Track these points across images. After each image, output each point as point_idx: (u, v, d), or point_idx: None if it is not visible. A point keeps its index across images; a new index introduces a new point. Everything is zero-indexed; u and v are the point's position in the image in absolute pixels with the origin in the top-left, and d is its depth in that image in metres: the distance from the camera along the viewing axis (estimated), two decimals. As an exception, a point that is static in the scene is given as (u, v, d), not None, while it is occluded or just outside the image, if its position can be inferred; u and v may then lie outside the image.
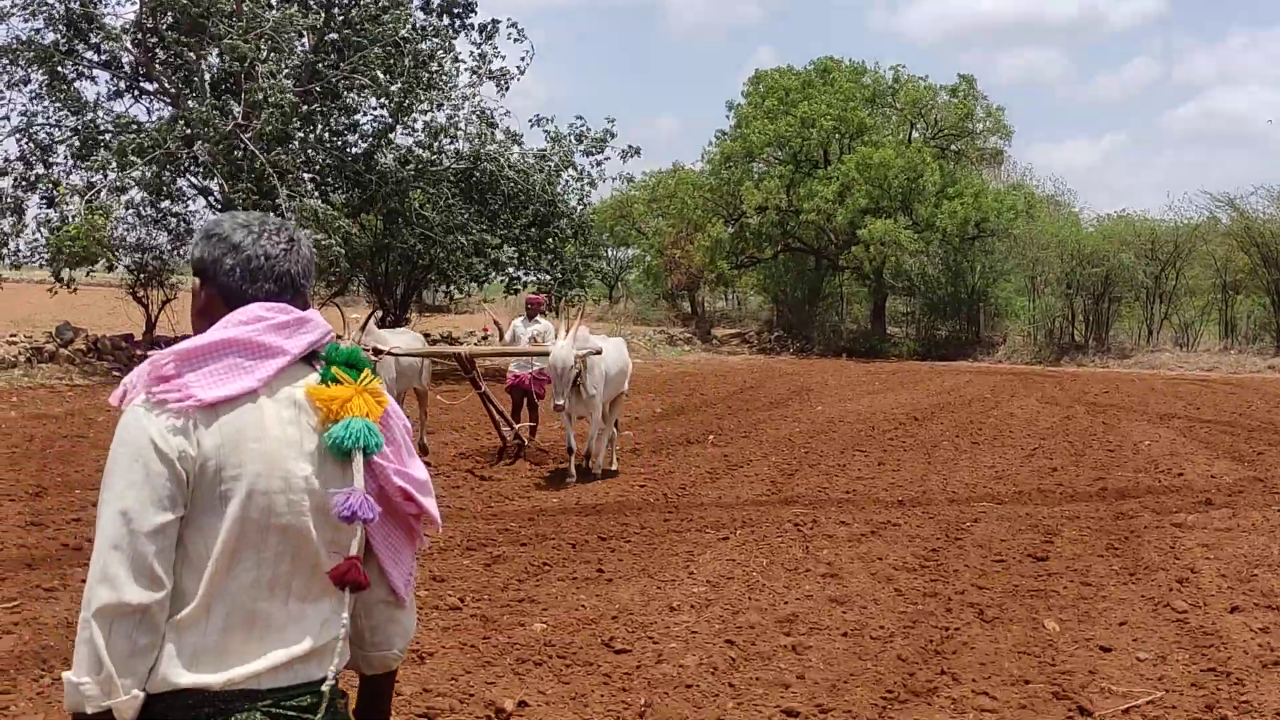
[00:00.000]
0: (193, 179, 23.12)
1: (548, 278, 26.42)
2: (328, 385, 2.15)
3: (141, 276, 23.38)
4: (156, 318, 23.76)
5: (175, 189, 22.69)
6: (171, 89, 21.84)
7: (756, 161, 40.22)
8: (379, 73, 21.59)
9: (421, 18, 23.88)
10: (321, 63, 21.81)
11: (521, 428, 12.71)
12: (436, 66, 23.02)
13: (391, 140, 23.41)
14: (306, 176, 21.73)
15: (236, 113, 19.81)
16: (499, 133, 24.80)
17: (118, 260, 22.33)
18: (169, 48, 21.29)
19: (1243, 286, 36.44)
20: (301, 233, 2.30)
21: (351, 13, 22.01)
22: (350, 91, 22.60)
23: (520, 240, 24.99)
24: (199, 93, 20.93)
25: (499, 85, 24.68)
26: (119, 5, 26.53)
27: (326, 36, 22.10)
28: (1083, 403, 21.00)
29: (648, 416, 17.24)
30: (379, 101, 23.11)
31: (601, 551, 8.25)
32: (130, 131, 20.86)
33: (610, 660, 5.86)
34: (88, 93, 23.05)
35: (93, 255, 20.40)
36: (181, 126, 20.15)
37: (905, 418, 17.68)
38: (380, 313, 27.56)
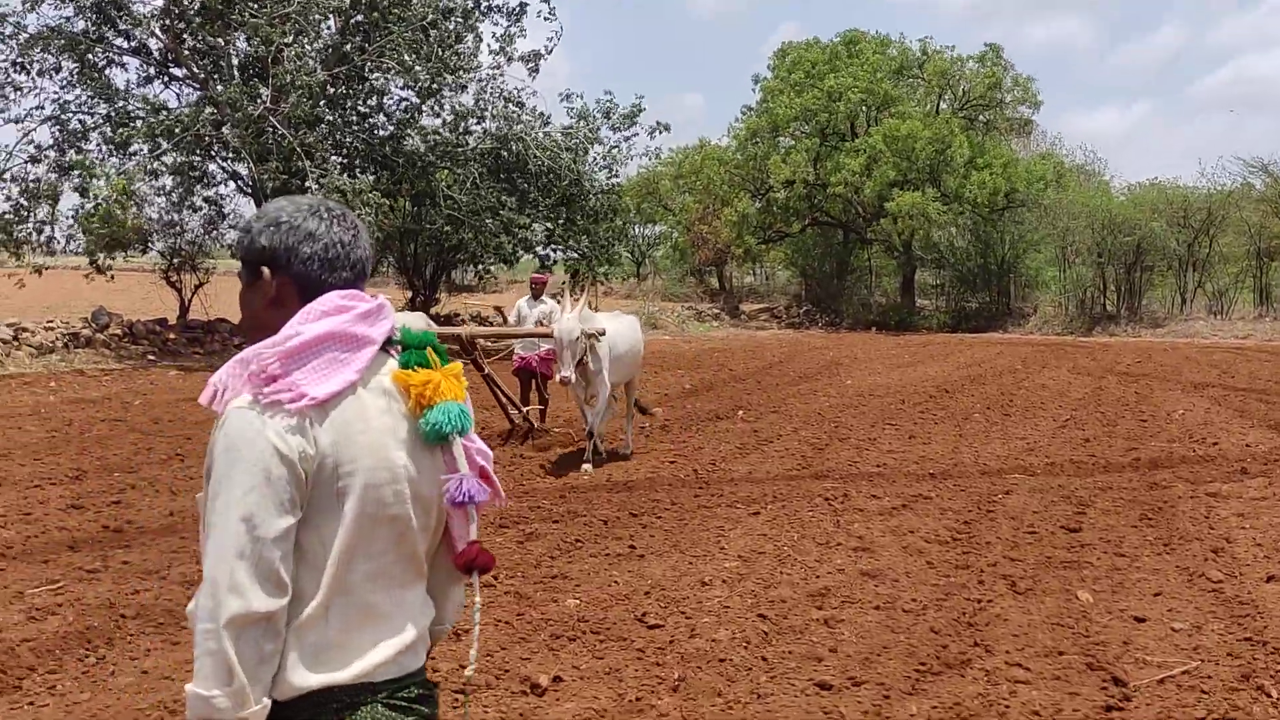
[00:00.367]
0: (222, 163, 23.27)
1: (576, 255, 26.44)
2: (413, 370, 2.14)
3: (174, 261, 23.56)
4: (189, 302, 23.95)
5: (205, 172, 22.83)
6: (200, 74, 21.97)
7: (783, 136, 40.03)
8: (405, 55, 21.61)
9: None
10: (348, 44, 21.85)
11: (531, 410, 12.64)
12: (463, 48, 23.02)
13: (418, 122, 23.45)
14: (334, 159, 21.80)
15: (264, 96, 19.90)
16: (526, 113, 24.81)
17: (150, 245, 22.51)
18: (196, 33, 21.40)
19: (1277, 253, 36.00)
20: (357, 217, 2.26)
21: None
22: (377, 74, 22.64)
23: (549, 218, 25.01)
24: (227, 77, 21.04)
25: (530, 68, 24.65)
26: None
27: (353, 19, 22.13)
28: (1115, 373, 20.85)
29: (677, 393, 17.26)
30: (406, 84, 23.15)
31: (633, 528, 8.30)
32: (160, 116, 21.02)
33: (643, 635, 5.91)
34: (118, 79, 23.23)
35: (122, 238, 20.61)
36: (210, 110, 20.27)
37: (936, 390, 17.62)
38: (410, 293, 27.68)
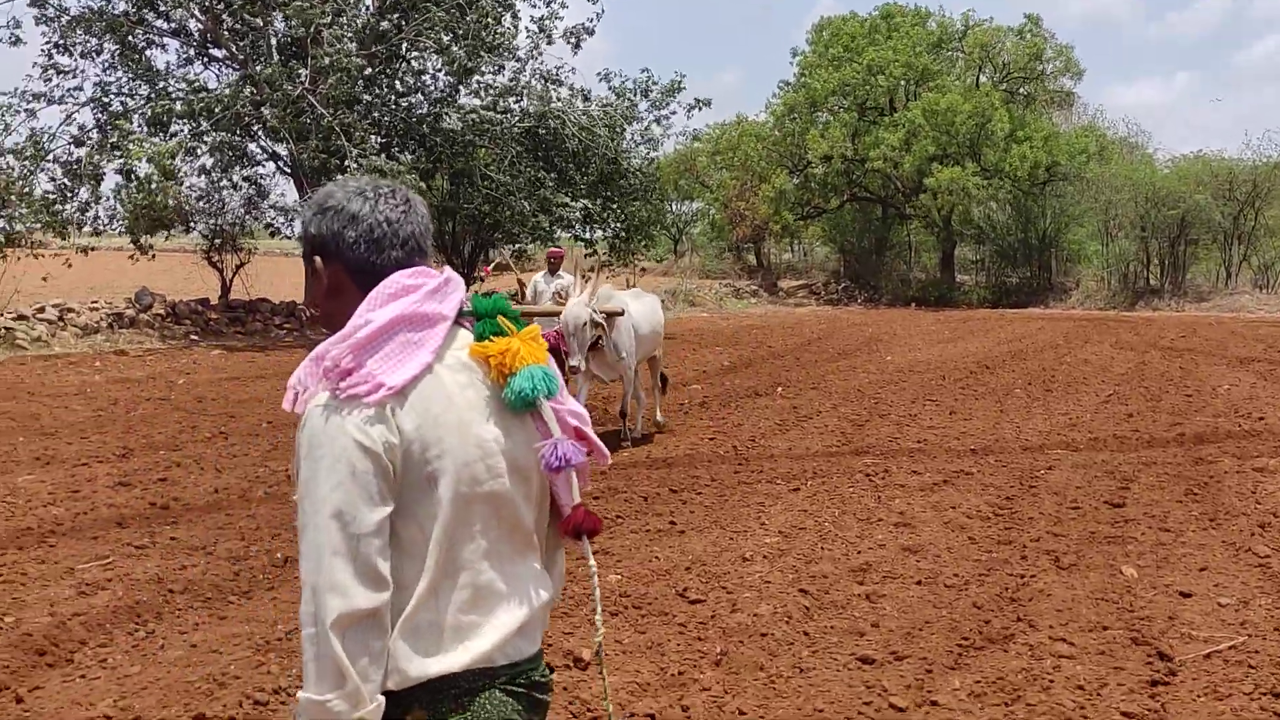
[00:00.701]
0: (262, 143, 23.43)
1: (613, 233, 26.43)
2: (489, 340, 2.10)
3: (216, 242, 23.76)
4: (231, 281, 24.16)
5: (245, 152, 22.99)
6: (239, 55, 22.10)
7: (821, 111, 39.74)
8: (443, 35, 21.62)
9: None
10: (385, 23, 21.89)
11: None
12: (501, 28, 23.01)
13: (456, 100, 23.48)
14: (373, 138, 21.89)
15: (303, 76, 20.00)
16: (564, 90, 24.79)
17: (192, 225, 22.73)
18: (236, 14, 21.52)
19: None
20: (412, 192, 2.21)
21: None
22: (415, 53, 22.69)
23: (587, 196, 24.99)
24: (266, 57, 21.16)
25: (572, 44, 24.58)
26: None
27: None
28: (1159, 348, 20.62)
29: (715, 370, 17.24)
30: (443, 62, 23.17)
31: (673, 504, 8.31)
32: (200, 97, 21.19)
33: (685, 610, 5.93)
34: (158, 61, 23.40)
35: (164, 218, 20.83)
36: (250, 91, 20.41)
37: (976, 366, 17.50)
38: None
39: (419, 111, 23.96)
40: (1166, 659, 5.18)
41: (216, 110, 20.52)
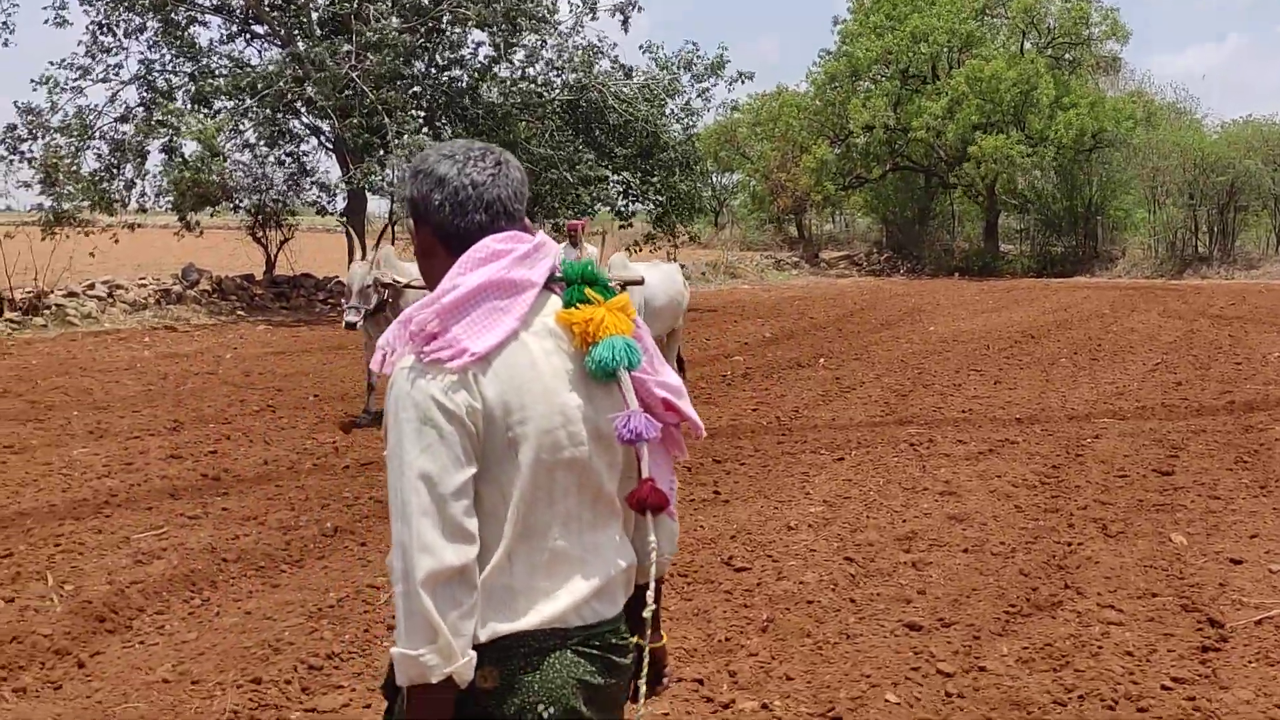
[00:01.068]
0: (304, 120, 23.54)
1: (654, 207, 26.31)
2: (577, 307, 2.11)
3: (260, 217, 23.94)
4: (275, 257, 24.34)
5: (288, 128, 23.11)
6: (280, 30, 22.20)
7: (863, 80, 39.34)
8: (483, 9, 21.58)
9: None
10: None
11: None
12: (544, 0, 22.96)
13: (495, 73, 23.45)
14: (415, 113, 21.93)
15: (350, 52, 20.06)
16: (605, 62, 24.68)
17: (236, 201, 22.90)
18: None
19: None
20: (508, 154, 2.23)
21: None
22: (455, 26, 22.68)
23: (627, 169, 24.90)
24: (309, 32, 21.24)
25: (622, 22, 24.44)
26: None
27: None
28: (1207, 315, 20.36)
29: (757, 341, 17.21)
30: (485, 35, 23.15)
31: (717, 474, 8.33)
32: (243, 73, 21.33)
33: (731, 578, 5.96)
34: (201, 38, 23.52)
35: (209, 194, 21.01)
36: (291, 66, 20.50)
37: (1021, 336, 17.36)
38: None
39: (459, 85, 23.95)
40: (1217, 625, 5.15)
41: (259, 87, 20.64)
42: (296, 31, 21.85)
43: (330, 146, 23.47)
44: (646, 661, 2.15)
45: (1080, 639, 5.03)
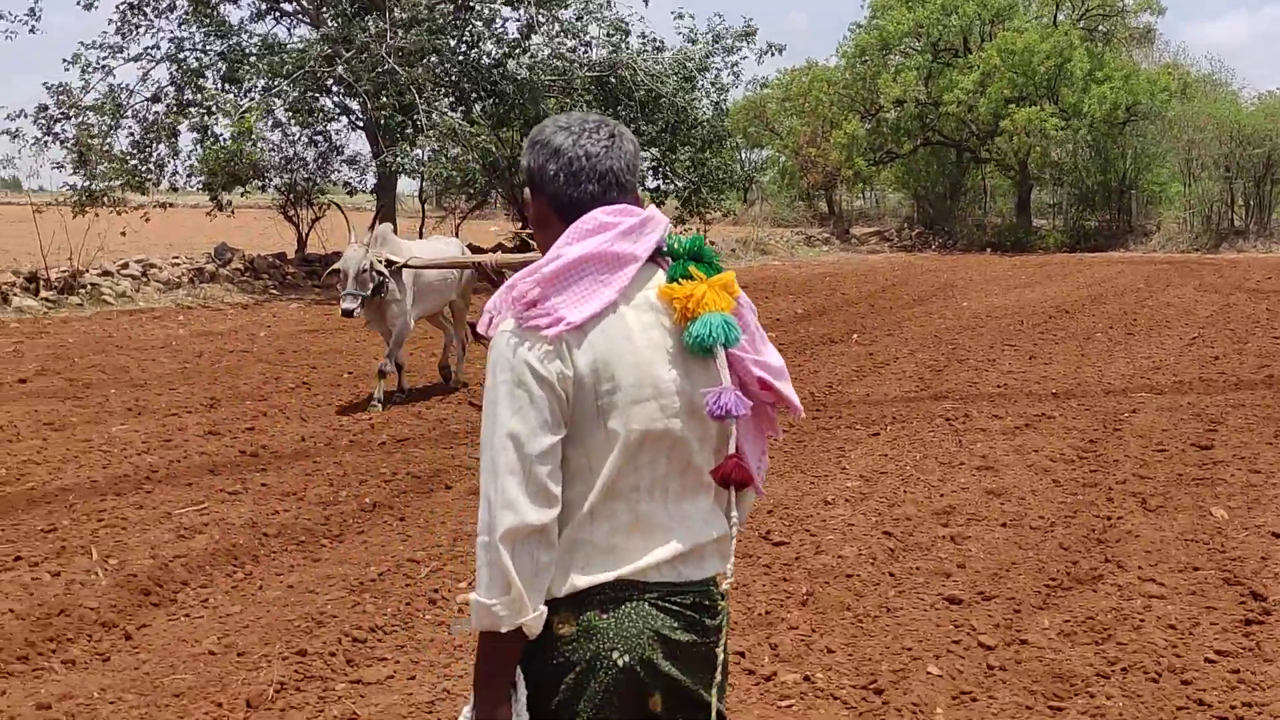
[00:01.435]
0: (334, 98, 23.56)
1: (682, 184, 26.19)
2: (679, 282, 2.14)
3: (291, 196, 24.02)
4: (307, 236, 24.44)
5: (319, 106, 23.14)
6: (310, 8, 22.22)
7: (893, 53, 39.00)
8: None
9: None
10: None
11: None
12: None
13: (525, 48, 23.40)
14: (444, 90, 21.91)
15: (385, 30, 20.06)
16: (634, 38, 24.59)
17: (267, 181, 22.96)
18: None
19: None
20: (622, 127, 2.25)
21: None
22: (485, 1, 22.64)
23: (655, 145, 24.82)
24: (338, 10, 21.25)
25: None
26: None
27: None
28: (1244, 289, 20.13)
29: (789, 318, 17.16)
30: (513, 9, 23.11)
31: (753, 449, 8.30)
32: (273, 53, 21.37)
33: (769, 552, 5.97)
34: (231, 17, 23.57)
35: (241, 174, 21.09)
36: (322, 45, 20.53)
37: (1055, 311, 17.23)
38: (520, 224, 27.83)
39: (487, 60, 23.89)
40: (1260, 599, 5.12)
41: (289, 69, 20.68)
42: (325, 10, 21.86)
43: (361, 125, 23.50)
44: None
45: (1122, 612, 5.01)
